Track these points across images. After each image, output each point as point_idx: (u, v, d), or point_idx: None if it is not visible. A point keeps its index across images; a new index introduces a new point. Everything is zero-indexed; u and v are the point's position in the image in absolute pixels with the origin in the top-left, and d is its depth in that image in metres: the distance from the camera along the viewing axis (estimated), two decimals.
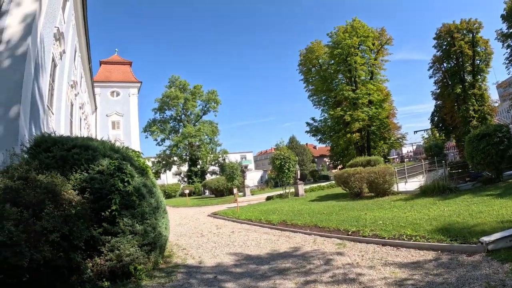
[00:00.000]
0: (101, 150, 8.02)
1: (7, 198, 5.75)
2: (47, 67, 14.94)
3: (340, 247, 9.55)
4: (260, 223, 15.68)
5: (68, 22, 19.79)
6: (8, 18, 12.01)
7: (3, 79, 11.17)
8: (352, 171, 21.33)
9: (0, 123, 10.63)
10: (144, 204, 7.78)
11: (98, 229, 6.94)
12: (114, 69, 54.64)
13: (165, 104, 65.81)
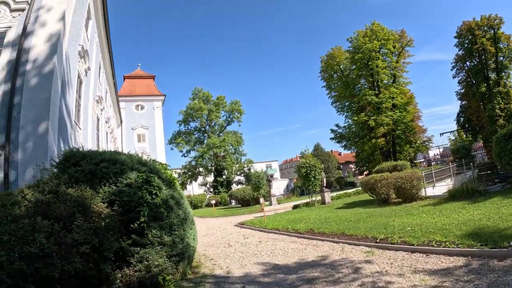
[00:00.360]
0: (129, 163, 8.16)
1: (38, 212, 5.90)
2: (73, 83, 15.34)
3: (369, 255, 9.46)
4: (287, 232, 15.60)
5: (92, 39, 20.29)
6: (34, 38, 12.47)
7: (31, 96, 11.58)
8: (378, 177, 21.07)
9: (30, 139, 10.99)
10: (172, 215, 7.85)
11: (127, 241, 7.04)
12: (138, 83, 55.43)
13: (189, 116, 66.42)
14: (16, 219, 5.53)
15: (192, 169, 66.27)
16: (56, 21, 12.83)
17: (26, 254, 5.13)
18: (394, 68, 52.68)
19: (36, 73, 11.91)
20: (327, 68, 57.51)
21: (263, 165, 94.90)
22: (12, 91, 11.62)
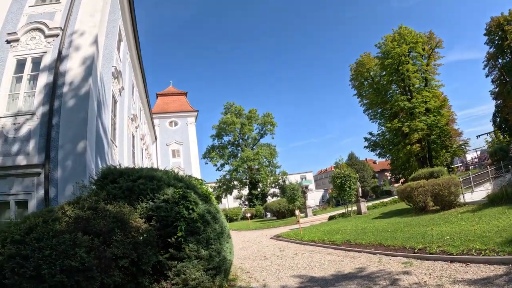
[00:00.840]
0: (165, 179, 8.33)
1: (78, 227, 6.16)
2: (108, 103, 15.88)
3: (407, 266, 9.33)
4: (324, 243, 15.52)
5: (124, 60, 20.90)
6: (69, 62, 13.05)
7: (69, 117, 12.11)
8: (415, 184, 20.76)
9: (69, 157, 11.44)
10: (209, 229, 7.93)
11: (165, 255, 7.20)
12: (171, 100, 56.25)
13: (223, 130, 67.14)
14: (57, 234, 5.78)
15: (227, 182, 66.75)
16: (89, 45, 13.40)
17: (67, 268, 5.38)
18: (425, 71, 51.64)
19: (72, 94, 12.43)
20: (357, 76, 57.05)
21: (297, 176, 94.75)
22: (51, 112, 12.21)
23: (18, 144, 12.36)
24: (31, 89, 13.46)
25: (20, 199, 11.79)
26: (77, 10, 14.52)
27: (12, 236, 5.76)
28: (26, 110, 12.92)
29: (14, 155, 12.23)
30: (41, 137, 12.15)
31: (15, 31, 14.47)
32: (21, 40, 14.37)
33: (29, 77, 13.72)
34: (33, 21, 14.64)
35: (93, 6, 14.56)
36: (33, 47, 14.10)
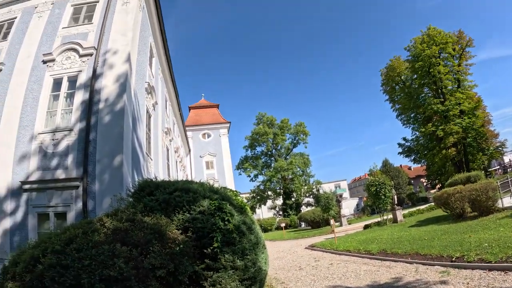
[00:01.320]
0: (201, 191, 8.40)
1: (116, 238, 6.33)
2: (142, 118, 16.37)
3: (444, 275, 9.15)
4: (359, 253, 15.32)
5: (156, 76, 21.44)
6: (104, 80, 13.63)
7: (105, 132, 12.64)
8: (451, 190, 20.25)
9: (106, 171, 11.88)
10: (244, 240, 7.95)
11: (201, 265, 7.25)
12: (203, 113, 56.90)
13: (255, 141, 67.32)
14: (97, 245, 5.96)
15: (261, 193, 66.74)
16: (122, 63, 13.92)
17: (106, 277, 5.57)
18: (457, 72, 49.77)
19: (108, 111, 12.93)
20: (388, 81, 55.88)
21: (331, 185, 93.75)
22: (88, 128, 12.78)
23: (57, 159, 12.99)
24: (68, 106, 14.11)
25: (59, 211, 12.39)
26: (109, 30, 15.17)
27: (53, 247, 5.97)
28: (64, 126, 13.57)
29: (53, 169, 12.87)
30: (79, 152, 12.72)
31: (51, 52, 15.28)
32: (57, 60, 15.12)
33: (66, 95, 14.40)
34: (68, 41, 15.41)
35: (124, 25, 15.15)
36: (68, 67, 14.81)
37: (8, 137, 14.05)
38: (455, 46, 49.71)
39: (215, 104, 59.76)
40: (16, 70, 15.57)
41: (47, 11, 17.06)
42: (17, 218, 12.70)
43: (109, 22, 15.39)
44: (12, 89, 15.14)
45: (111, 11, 15.70)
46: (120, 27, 15.12)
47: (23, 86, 14.97)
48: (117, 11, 15.65)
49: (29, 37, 16.46)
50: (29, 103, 14.52)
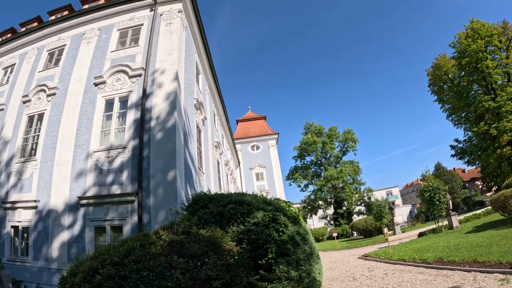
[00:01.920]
0: (254, 203, 8.51)
1: (173, 250, 6.56)
2: (193, 133, 16.95)
3: (503, 283, 8.83)
4: (414, 262, 14.87)
5: (204, 91, 21.98)
6: (154, 98, 14.27)
7: (158, 149, 13.22)
8: (509, 192, 19.29)
9: (160, 186, 12.38)
10: (299, 251, 7.99)
11: (255, 276, 7.33)
12: (251, 125, 57.28)
13: (304, 151, 66.91)
14: (154, 257, 6.22)
15: (312, 203, 66.11)
16: (171, 81, 14.53)
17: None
18: (505, 65, 46.40)
19: (160, 128, 13.52)
20: (435, 80, 53.25)
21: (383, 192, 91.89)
22: (141, 145, 13.38)
23: (112, 175, 13.70)
24: (121, 125, 14.84)
25: (115, 224, 13.01)
26: (155, 51, 15.83)
27: (111, 258, 6.28)
28: (118, 144, 14.29)
29: (109, 185, 13.58)
30: (133, 168, 13.35)
31: (101, 75, 16.22)
32: (108, 82, 15.99)
33: (118, 114, 15.16)
34: (117, 64, 16.27)
35: (169, 45, 15.73)
36: (119, 88, 15.61)
37: (65, 156, 15.11)
38: (501, 37, 46.38)
39: (262, 116, 59.97)
40: (70, 94, 16.74)
41: (94, 36, 18.19)
42: (75, 231, 13.55)
43: (154, 43, 16.07)
44: (67, 111, 16.30)
45: (155, 33, 16.39)
46: (166, 47, 15.72)
47: (77, 108, 15.99)
48: (161, 32, 16.31)
49: (80, 62, 17.59)
50: (83, 124, 15.47)
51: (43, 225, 14.56)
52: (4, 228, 15.74)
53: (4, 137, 18.33)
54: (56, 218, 14.15)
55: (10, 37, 23.10)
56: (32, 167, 16.10)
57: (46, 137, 16.45)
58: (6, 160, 17.43)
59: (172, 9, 16.90)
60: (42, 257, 14.00)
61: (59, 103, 16.97)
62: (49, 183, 15.13)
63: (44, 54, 20.12)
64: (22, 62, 21.01)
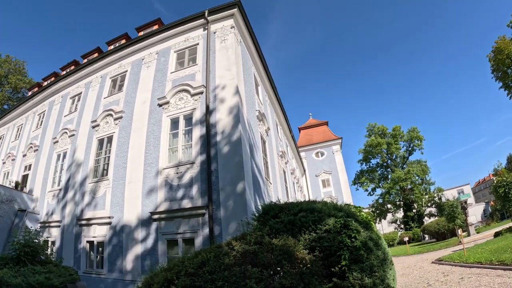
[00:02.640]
0: (325, 210, 8.49)
1: (246, 260, 6.66)
2: (258, 145, 17.27)
3: None
4: (491, 264, 14.20)
5: (264, 102, 22.23)
6: (217, 114, 14.71)
7: (225, 162, 13.55)
8: None
9: (230, 198, 12.71)
10: (372, 257, 7.87)
11: (328, 284, 7.27)
12: (313, 132, 56.93)
13: (369, 153, 65.32)
14: (228, 267, 6.34)
15: (380, 206, 64.37)
16: (232, 96, 14.86)
17: None
18: None
19: (226, 142, 13.90)
20: (498, 65, 48.94)
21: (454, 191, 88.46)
22: (208, 160, 13.77)
23: (182, 190, 14.15)
24: (187, 142, 15.34)
25: (187, 237, 13.39)
26: (213, 68, 16.28)
27: (186, 269, 6.47)
28: (186, 160, 14.75)
29: (179, 199, 14.07)
30: (202, 182, 13.71)
31: (164, 96, 16.91)
32: (171, 102, 16.63)
33: (184, 131, 15.69)
34: (178, 84, 16.89)
35: (227, 61, 16.09)
36: (182, 106, 16.17)
37: (136, 174, 15.88)
38: None
39: (324, 122, 59.40)
40: (136, 116, 17.58)
41: (153, 60, 19.03)
42: (148, 245, 14.12)
43: (212, 60, 16.53)
44: (134, 132, 17.15)
45: (211, 51, 16.84)
46: (223, 63, 16.10)
47: (143, 129, 16.76)
48: (217, 50, 16.73)
49: (142, 86, 18.49)
50: (151, 143, 16.18)
51: (117, 240, 15.34)
52: (80, 243, 16.82)
53: (77, 160, 19.59)
54: (129, 232, 14.87)
55: (73, 69, 24.74)
56: (105, 186, 17.04)
57: (117, 158, 17.37)
58: (80, 181, 18.61)
59: (224, 26, 17.32)
60: (117, 269, 14.75)
61: (126, 126, 17.89)
62: (121, 200, 15.97)
63: (107, 81, 21.33)
64: (87, 91, 22.42)
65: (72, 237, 17.36)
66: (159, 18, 23.17)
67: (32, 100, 28.77)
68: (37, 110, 27.85)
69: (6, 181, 26.22)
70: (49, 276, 10.63)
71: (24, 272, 10.51)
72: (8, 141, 30.44)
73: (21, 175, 24.81)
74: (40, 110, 27.34)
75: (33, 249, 12.01)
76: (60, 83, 25.32)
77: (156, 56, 19.22)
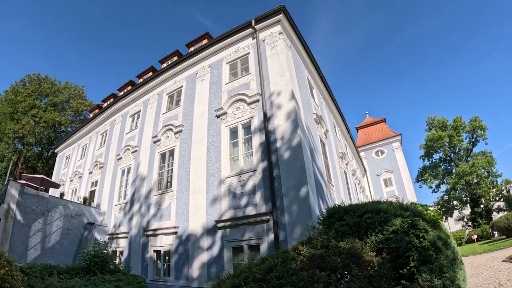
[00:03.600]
0: (391, 210, 8.28)
1: (313, 265, 6.59)
2: (318, 148, 17.30)
3: None
4: None
5: (320, 104, 22.16)
6: (275, 120, 14.85)
7: (287, 167, 13.59)
8: None
9: (293, 203, 12.74)
10: (441, 257, 7.59)
11: (397, 287, 7.11)
12: (371, 130, 56.10)
13: (430, 148, 62.75)
14: (295, 272, 6.31)
15: (446, 204, 61.78)
16: (288, 101, 14.93)
17: None
18: None
19: (286, 147, 13.97)
20: None
21: None
22: (270, 166, 13.86)
23: (246, 198, 14.37)
24: (248, 150, 15.54)
25: (252, 244, 13.50)
26: (267, 75, 16.44)
27: (254, 275, 6.49)
28: (247, 168, 14.96)
29: (243, 207, 14.28)
30: (265, 188, 13.84)
31: (221, 107, 17.26)
32: (228, 112, 16.94)
33: (244, 140, 15.92)
34: (233, 94, 17.21)
35: (279, 67, 16.19)
36: (240, 116, 16.44)
37: (199, 184, 16.33)
38: None
39: (381, 119, 58.30)
40: (195, 128, 18.10)
41: (207, 74, 19.55)
42: (213, 252, 14.43)
43: (264, 68, 16.70)
44: (195, 144, 17.65)
45: (263, 58, 17.02)
46: (276, 69, 16.22)
47: (203, 141, 17.19)
48: (268, 57, 16.89)
49: (199, 99, 19.03)
50: (212, 153, 16.56)
51: (183, 248, 15.81)
52: (147, 253, 17.54)
53: (141, 174, 20.42)
54: (195, 241, 15.27)
55: (130, 89, 25.99)
56: (169, 198, 17.63)
57: (179, 170, 17.92)
58: (145, 193, 19.39)
59: (272, 32, 17.44)
60: (183, 276, 15.20)
61: (186, 138, 18.45)
62: (186, 211, 16.48)
63: (164, 98, 22.14)
64: (146, 108, 23.38)
65: (140, 247, 18.15)
66: (207, 32, 23.73)
67: (94, 121, 30.47)
68: (100, 130, 29.42)
69: (74, 197, 28.09)
70: (118, 284, 10.98)
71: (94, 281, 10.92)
72: (74, 160, 32.44)
73: (88, 191, 26.29)
74: (102, 129, 28.88)
75: (102, 259, 12.46)
76: (119, 103, 26.67)
77: (209, 69, 19.70)
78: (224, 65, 19.03)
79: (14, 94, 49.34)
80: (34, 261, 15.91)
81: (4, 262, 7.99)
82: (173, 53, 25.78)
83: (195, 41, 24.03)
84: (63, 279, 11.12)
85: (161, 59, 26.40)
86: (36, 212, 18.92)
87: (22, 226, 18.04)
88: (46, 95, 51.79)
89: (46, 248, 18.87)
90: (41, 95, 51.68)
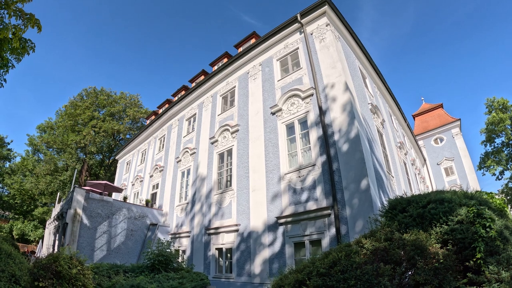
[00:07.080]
0: (455, 200, 7.98)
1: (377, 258, 6.54)
2: (375, 138, 17.02)
3: None
4: None
5: (375, 94, 21.75)
6: (331, 113, 14.72)
7: (346, 160, 13.44)
8: None
9: (355, 196, 12.59)
10: (509, 248, 7.17)
11: (462, 280, 6.84)
12: (428, 117, 53.95)
13: (492, 132, 59.49)
14: (360, 265, 6.27)
15: (510, 191, 58.62)
16: (342, 93, 14.76)
17: None
18: None
19: (344, 140, 13.83)
20: None
21: None
22: (329, 160, 13.77)
23: (306, 193, 14.34)
24: (305, 145, 15.50)
25: (314, 239, 13.44)
26: (318, 68, 16.33)
27: (317, 270, 6.50)
28: (306, 163, 14.95)
29: (304, 202, 14.25)
30: (325, 183, 13.76)
31: (276, 104, 17.34)
32: (283, 108, 16.98)
33: (301, 135, 15.88)
34: (287, 90, 17.17)
35: (330, 59, 16.04)
36: (295, 111, 16.43)
37: (259, 182, 16.50)
38: None
39: (439, 104, 55.85)
40: (251, 127, 18.31)
41: (258, 72, 19.70)
42: (275, 248, 14.51)
43: (315, 61, 16.60)
44: (252, 142, 17.86)
45: (313, 52, 16.94)
46: (327, 62, 16.08)
47: (260, 139, 17.33)
48: (318, 49, 16.78)
49: (252, 98, 19.21)
50: (270, 151, 16.69)
51: (245, 245, 16.04)
52: (209, 251, 17.96)
53: (200, 174, 20.93)
54: (256, 238, 15.47)
55: (184, 94, 26.71)
56: (230, 196, 17.95)
57: (238, 169, 18.18)
58: (205, 193, 19.86)
59: (319, 25, 17.30)
60: (245, 273, 15.43)
61: (243, 137, 18.68)
62: (247, 208, 16.70)
63: (218, 99, 22.60)
64: (201, 111, 23.95)
65: (202, 246, 18.61)
66: (254, 32, 23.95)
67: (152, 127, 31.54)
68: (157, 135, 30.40)
69: (136, 200, 29.27)
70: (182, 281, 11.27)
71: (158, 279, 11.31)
72: (135, 165, 33.76)
73: (150, 193, 27.24)
74: (160, 134, 29.85)
75: (166, 258, 12.89)
76: (174, 108, 27.48)
77: (260, 68, 19.86)
78: (274, 62, 19.10)
79: (73, 108, 52.06)
80: (100, 261, 16.90)
81: (76, 262, 8.51)
82: (222, 55, 26.21)
83: (243, 41, 24.34)
84: (129, 277, 11.68)
85: (211, 62, 26.97)
86: (101, 216, 20.00)
87: (88, 229, 19.12)
88: (104, 106, 54.28)
89: (111, 248, 19.91)
90: (98, 106, 54.26)
